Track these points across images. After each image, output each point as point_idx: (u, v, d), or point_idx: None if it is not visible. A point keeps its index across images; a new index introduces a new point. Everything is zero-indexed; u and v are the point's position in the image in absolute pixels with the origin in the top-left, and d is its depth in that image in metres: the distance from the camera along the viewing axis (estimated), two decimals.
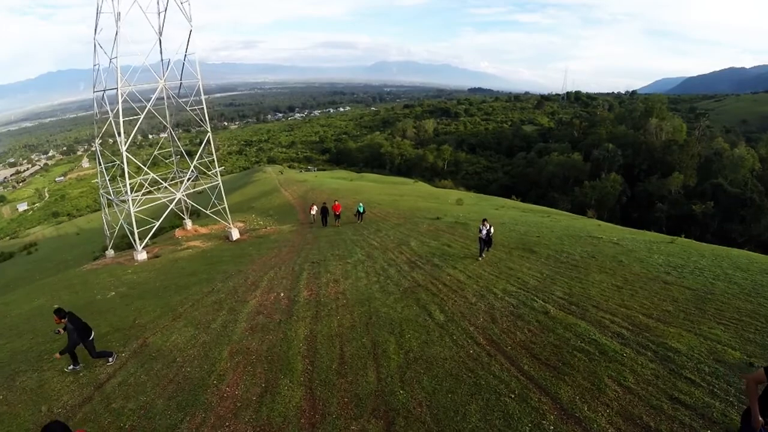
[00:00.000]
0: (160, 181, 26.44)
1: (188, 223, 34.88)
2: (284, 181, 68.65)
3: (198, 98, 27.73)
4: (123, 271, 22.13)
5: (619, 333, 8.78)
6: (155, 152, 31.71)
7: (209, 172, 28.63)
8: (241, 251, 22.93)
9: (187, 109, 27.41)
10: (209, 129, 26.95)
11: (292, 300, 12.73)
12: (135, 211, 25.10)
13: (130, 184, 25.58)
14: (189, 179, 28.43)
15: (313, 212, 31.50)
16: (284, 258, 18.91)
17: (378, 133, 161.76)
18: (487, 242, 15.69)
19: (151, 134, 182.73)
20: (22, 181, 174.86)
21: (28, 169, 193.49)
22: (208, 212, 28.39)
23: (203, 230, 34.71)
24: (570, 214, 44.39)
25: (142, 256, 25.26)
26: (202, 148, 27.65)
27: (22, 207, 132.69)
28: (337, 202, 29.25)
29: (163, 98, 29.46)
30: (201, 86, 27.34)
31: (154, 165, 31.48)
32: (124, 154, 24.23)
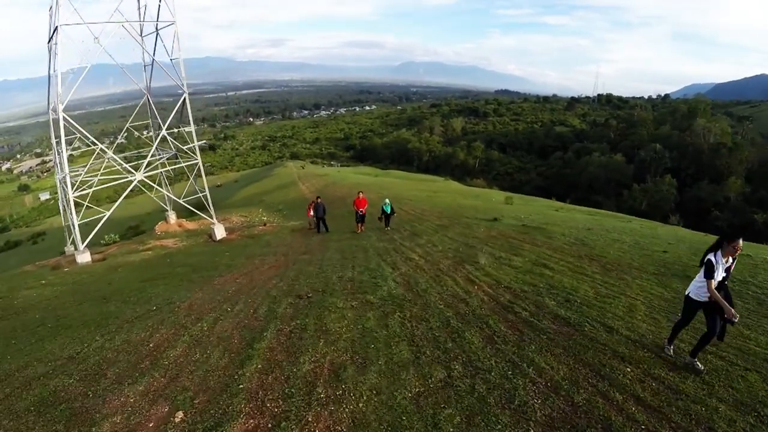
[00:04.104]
0: (117, 159, 19.27)
1: (171, 216, 27.99)
2: (303, 176, 63.25)
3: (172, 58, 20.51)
4: (38, 279, 15.03)
5: None
6: (128, 124, 24.65)
7: (185, 147, 21.30)
8: (211, 258, 15.46)
9: (154, 58, 20.21)
10: (185, 89, 19.60)
11: None
12: (74, 196, 18.10)
13: (69, 163, 18.63)
14: (151, 157, 20.88)
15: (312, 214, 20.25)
16: (259, 278, 11.05)
17: (404, 130, 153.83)
18: (722, 330, 5.20)
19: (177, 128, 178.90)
20: (47, 171, 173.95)
21: (53, 159, 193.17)
22: (182, 201, 21.17)
23: (189, 225, 27.78)
24: (647, 220, 35.65)
25: (83, 257, 18.22)
26: (174, 111, 20.28)
27: (44, 196, 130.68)
28: (362, 195, 18.99)
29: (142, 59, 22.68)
30: (177, 32, 20.12)
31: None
32: (61, 114, 17.27)
